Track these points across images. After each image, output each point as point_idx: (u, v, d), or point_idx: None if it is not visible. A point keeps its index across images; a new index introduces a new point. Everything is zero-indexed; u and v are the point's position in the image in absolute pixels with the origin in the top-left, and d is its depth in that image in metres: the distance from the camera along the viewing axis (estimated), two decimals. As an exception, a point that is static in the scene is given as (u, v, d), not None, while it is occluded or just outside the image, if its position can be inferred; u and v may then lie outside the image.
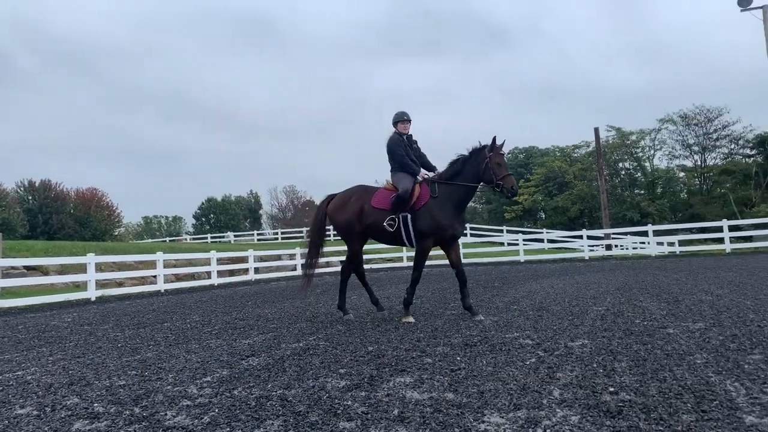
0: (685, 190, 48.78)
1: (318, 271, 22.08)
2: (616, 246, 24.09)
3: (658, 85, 78.58)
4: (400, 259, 22.79)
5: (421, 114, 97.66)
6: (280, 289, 13.56)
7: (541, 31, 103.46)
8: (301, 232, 42.43)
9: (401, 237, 6.41)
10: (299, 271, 20.49)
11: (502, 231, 34.19)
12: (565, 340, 4.63)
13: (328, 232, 7.46)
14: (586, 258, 21.50)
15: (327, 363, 4.21)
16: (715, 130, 44.37)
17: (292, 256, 21.51)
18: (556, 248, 31.41)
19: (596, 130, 28.88)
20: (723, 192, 42.29)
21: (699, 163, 46.22)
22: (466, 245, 24.13)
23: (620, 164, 49.78)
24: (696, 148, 45.82)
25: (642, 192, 47.77)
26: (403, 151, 6.56)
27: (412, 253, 24.59)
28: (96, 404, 3.36)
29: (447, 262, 6.71)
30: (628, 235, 24.70)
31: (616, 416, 2.64)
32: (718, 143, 45.06)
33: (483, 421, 2.68)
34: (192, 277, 18.10)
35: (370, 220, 6.56)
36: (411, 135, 6.80)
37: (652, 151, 48.44)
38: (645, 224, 24.80)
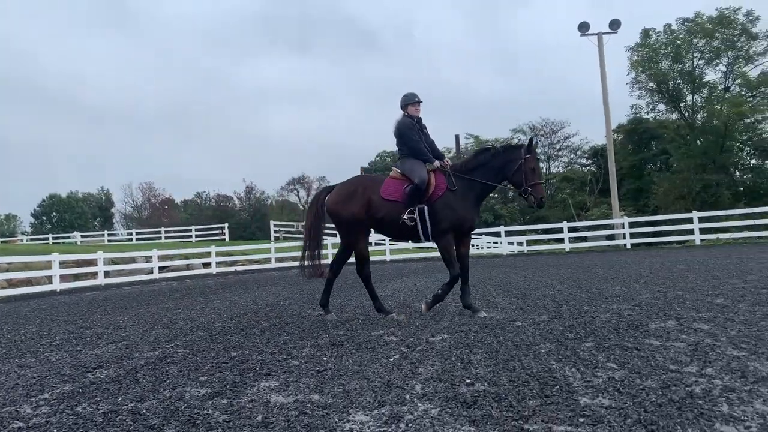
0: (533, 194, 53.56)
1: (179, 274, 20.71)
2: (472, 246, 25.74)
3: (512, 95, 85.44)
4: (268, 260, 22.28)
5: (288, 111, 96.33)
6: (134, 294, 12.56)
7: (412, 38, 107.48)
8: (159, 232, 39.80)
9: (417, 231, 5.94)
10: (156, 275, 19.14)
11: (370, 231, 34.88)
12: (427, 335, 4.84)
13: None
14: (447, 257, 22.70)
15: (186, 371, 3.98)
16: (558, 141, 49.44)
17: (148, 259, 20.05)
18: (420, 248, 32.76)
19: (456, 137, 30.71)
20: (564, 197, 47.20)
21: (545, 170, 51.12)
22: (335, 245, 24.24)
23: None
24: (542, 156, 50.60)
25: (495, 195, 51.68)
26: (417, 136, 6.11)
27: (281, 255, 23.75)
28: None
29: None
30: (483, 236, 26.56)
31: (472, 406, 2.80)
32: (560, 153, 50.23)
33: (348, 420, 2.70)
34: (29, 282, 16.10)
35: (381, 214, 6.01)
36: (421, 119, 6.33)
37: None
38: (498, 226, 26.88)
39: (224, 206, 61.65)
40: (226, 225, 39.08)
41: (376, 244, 26.78)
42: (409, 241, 8.03)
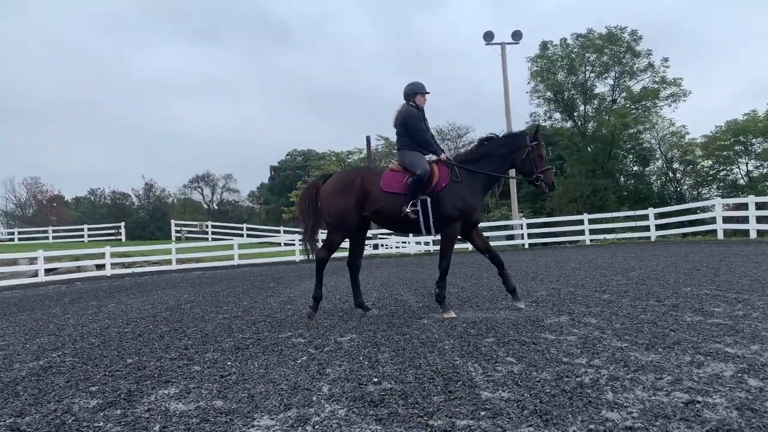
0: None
1: (69, 277, 19.18)
2: (382, 245, 26.09)
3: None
4: (169, 262, 21.22)
5: (193, 104, 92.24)
6: (16, 299, 11.48)
7: (325, 34, 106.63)
8: (46, 231, 36.67)
9: (418, 224, 5.78)
10: (42, 278, 17.62)
11: (279, 231, 34.32)
12: (335, 335, 4.83)
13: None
14: (357, 257, 22.83)
15: (75, 381, 3.68)
16: (463, 145, 51.18)
17: (32, 260, 18.40)
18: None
19: (368, 138, 30.93)
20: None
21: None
22: (241, 245, 23.59)
23: (388, 171, 54.12)
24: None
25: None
26: (422, 126, 5.92)
27: (183, 255, 22.72)
28: None
29: (234, 262, 6.38)
30: (393, 235, 26.98)
31: (379, 405, 2.83)
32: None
33: (253, 426, 2.63)
34: None
35: (379, 206, 5.80)
36: (424, 110, 6.12)
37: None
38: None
39: (121, 204, 57.96)
40: (123, 224, 36.85)
41: (285, 244, 26.39)
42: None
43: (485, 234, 27.40)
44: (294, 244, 22.91)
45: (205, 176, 61.35)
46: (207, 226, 37.49)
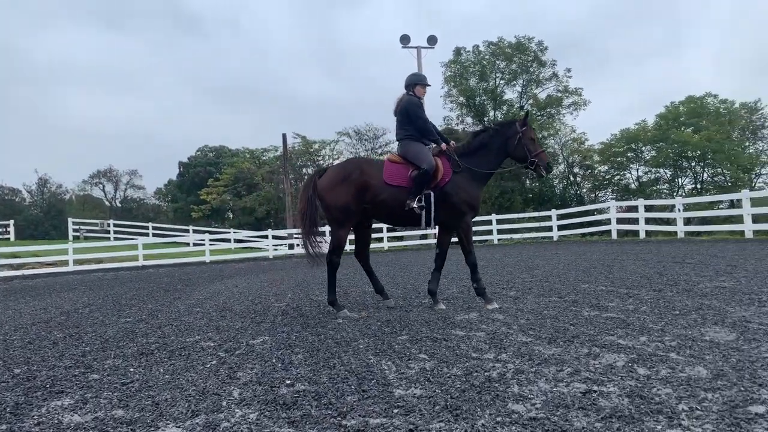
0: (356, 196, 55.40)
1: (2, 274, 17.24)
2: (297, 245, 25.74)
3: (339, 97, 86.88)
4: (65, 263, 19.71)
5: (95, 95, 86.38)
6: None
7: (239, 27, 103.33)
8: None
9: (420, 218, 5.67)
10: None
11: (188, 231, 32.93)
12: (247, 338, 4.70)
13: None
14: (271, 257, 22.42)
15: (-50, 396, 3.32)
16: (380, 146, 51.73)
17: None
18: (243, 248, 31.86)
19: (284, 136, 30.44)
20: (384, 199, 49.59)
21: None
22: (147, 245, 22.38)
23: (304, 170, 53.60)
24: (367, 161, 52.55)
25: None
26: (425, 115, 5.84)
27: (81, 256, 21.27)
28: None
29: (149, 262, 6.01)
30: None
31: (292, 407, 2.78)
32: (382, 157, 52.68)
33: (157, 435, 2.49)
34: None
35: (381, 198, 5.64)
36: (423, 101, 6.08)
37: (331, 160, 53.60)
38: (323, 225, 27.23)
39: (10, 200, 53.07)
40: (12, 222, 33.74)
41: (195, 244, 25.38)
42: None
43: (403, 234, 27.69)
44: (204, 244, 22.09)
45: (108, 172, 57.60)
46: (109, 225, 35.26)
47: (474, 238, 6.84)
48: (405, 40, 27.20)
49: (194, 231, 32.68)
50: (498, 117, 43.99)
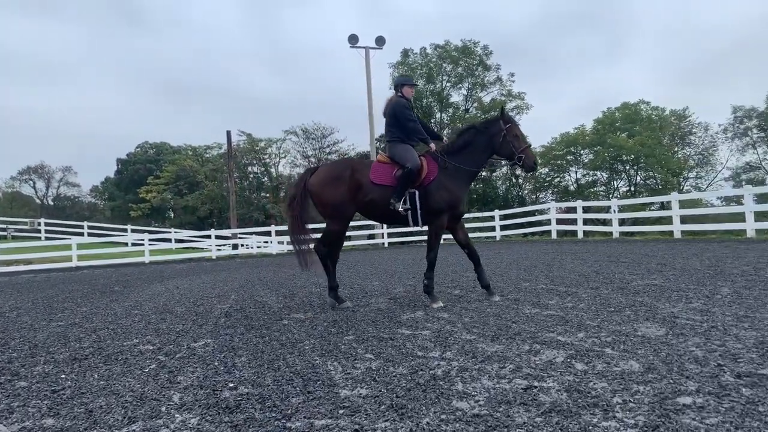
0: (303, 195, 54.83)
1: None
2: (242, 245, 25.25)
3: (287, 95, 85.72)
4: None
5: (24, 85, 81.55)
6: None
7: (184, 22, 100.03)
8: None
9: (406, 216, 5.77)
10: None
11: (126, 230, 31.67)
12: (188, 341, 4.56)
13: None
14: (214, 257, 21.87)
15: None
16: (328, 145, 51.47)
17: None
18: (185, 248, 30.96)
19: (228, 134, 29.73)
20: (331, 198, 49.34)
21: (314, 172, 52.63)
22: (81, 245, 21.36)
23: (249, 168, 52.60)
24: (313, 159, 52.13)
25: (267, 195, 51.58)
26: (413, 116, 5.94)
27: (8, 257, 20.32)
28: None
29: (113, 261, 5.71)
30: (254, 235, 26.26)
31: (235, 411, 2.72)
32: (330, 156, 52.37)
33: (90, 444, 2.38)
34: None
35: (369, 198, 5.77)
36: (411, 101, 6.17)
37: (278, 158, 52.88)
38: (269, 225, 26.86)
39: (-73, 197, 49.50)
40: (-71, 220, 31.49)
41: (133, 244, 24.46)
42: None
43: (350, 234, 27.65)
44: (143, 244, 21.31)
45: (39, 168, 54.67)
46: (39, 224, 33.42)
47: (421, 237, 6.95)
48: (353, 39, 27.17)
49: (133, 230, 31.47)
50: (444, 119, 44.68)
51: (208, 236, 24.63)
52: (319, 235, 6.18)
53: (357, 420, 2.50)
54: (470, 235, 7.31)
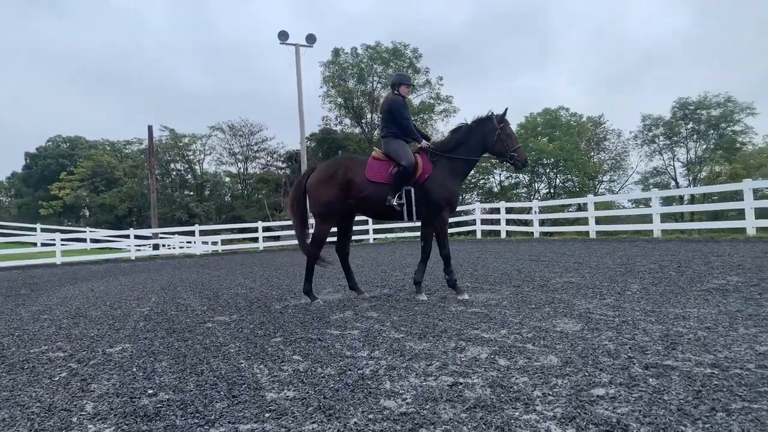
0: (230, 194, 53.50)
1: None
2: (163, 245, 24.23)
3: (214, 91, 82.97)
4: None
5: None
6: None
7: (105, 7, 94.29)
8: None
9: (402, 213, 5.83)
10: None
11: (35, 229, 29.54)
12: (104, 347, 4.31)
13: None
14: (133, 258, 20.84)
15: None
16: (256, 143, 50.40)
17: None
18: (101, 248, 29.32)
19: (150, 129, 28.44)
20: (259, 197, 48.42)
21: (242, 170, 51.47)
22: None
23: (172, 165, 50.54)
24: (240, 157, 50.91)
25: (191, 193, 49.77)
26: (408, 115, 6.03)
27: None
28: None
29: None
30: (176, 235, 25.26)
31: (154, 418, 2.60)
32: (257, 154, 51.32)
33: (-11, 462, 2.19)
34: None
35: (364, 194, 5.85)
36: (406, 100, 6.24)
37: (202, 155, 51.14)
38: (192, 224, 25.92)
39: None
40: None
41: (43, 244, 22.88)
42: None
43: (279, 234, 27.04)
44: (54, 244, 19.97)
45: (-67, 161, 49.93)
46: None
47: (356, 237, 6.97)
48: (283, 36, 26.74)
49: (43, 230, 29.39)
50: (375, 120, 44.91)
51: (127, 236, 23.42)
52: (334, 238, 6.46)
53: (283, 423, 2.46)
54: (399, 235, 7.55)
